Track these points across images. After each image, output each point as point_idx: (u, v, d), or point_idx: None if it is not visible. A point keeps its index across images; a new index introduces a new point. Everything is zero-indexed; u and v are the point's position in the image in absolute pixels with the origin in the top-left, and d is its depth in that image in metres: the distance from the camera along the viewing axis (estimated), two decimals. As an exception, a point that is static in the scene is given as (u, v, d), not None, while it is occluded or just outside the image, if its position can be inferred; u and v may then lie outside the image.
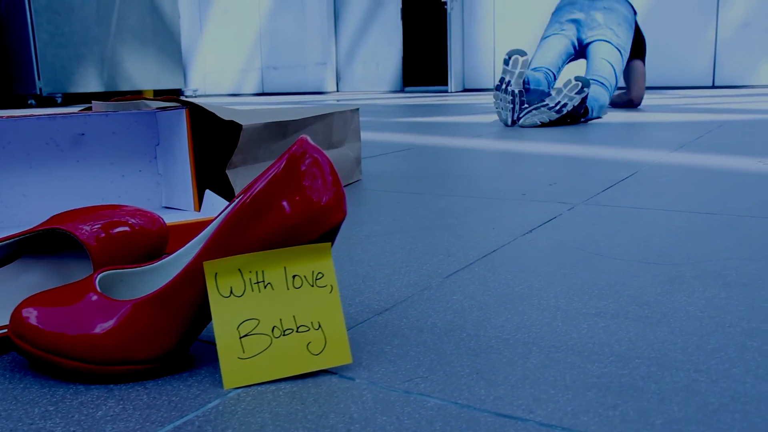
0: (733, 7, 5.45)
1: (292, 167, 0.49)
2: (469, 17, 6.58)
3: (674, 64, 5.72)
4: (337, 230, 0.51)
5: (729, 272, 0.67)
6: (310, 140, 0.50)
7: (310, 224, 0.49)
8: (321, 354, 0.48)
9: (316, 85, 7.54)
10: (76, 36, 6.74)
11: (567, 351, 0.50)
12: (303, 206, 0.48)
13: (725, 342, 0.51)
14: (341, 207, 0.50)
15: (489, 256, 0.75)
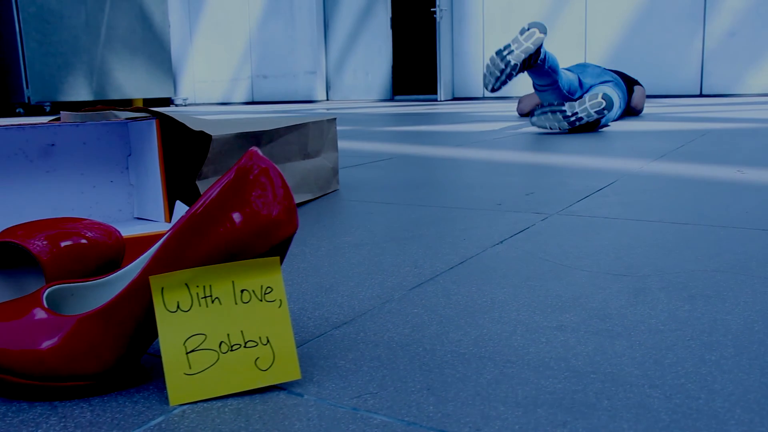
0: (720, 16, 5.47)
1: (240, 180, 0.48)
2: (459, 26, 6.59)
3: (662, 73, 5.74)
4: (288, 243, 0.50)
5: (695, 284, 0.67)
6: (260, 152, 0.49)
7: (258, 238, 0.48)
8: (269, 370, 0.47)
9: (306, 93, 7.54)
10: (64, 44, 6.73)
11: (522, 366, 0.49)
12: (251, 220, 0.47)
13: (683, 356, 0.50)
14: (292, 220, 0.49)
15: (456, 267, 0.75)
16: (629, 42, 5.85)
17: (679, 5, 5.62)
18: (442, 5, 6.41)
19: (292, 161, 1.14)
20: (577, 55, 6.11)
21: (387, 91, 7.17)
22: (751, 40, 5.41)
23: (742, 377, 0.46)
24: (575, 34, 6.08)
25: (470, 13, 6.53)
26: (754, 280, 0.67)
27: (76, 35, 6.83)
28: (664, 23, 5.69)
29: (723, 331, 0.54)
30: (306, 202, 1.17)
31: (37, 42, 6.49)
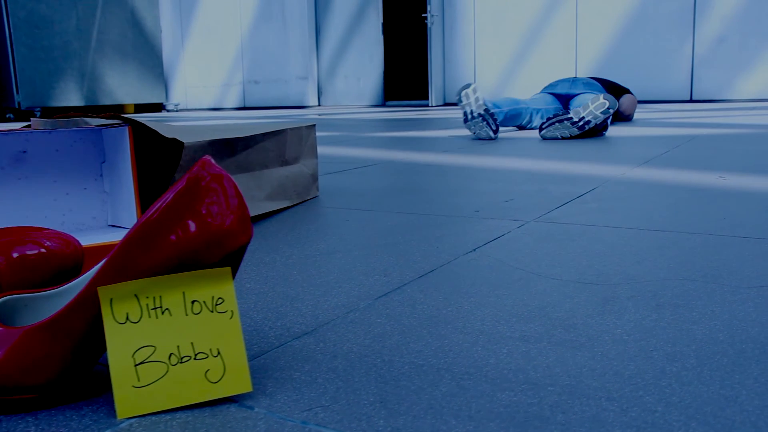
0: (709, 22, 5.48)
1: (191, 189, 0.47)
2: (450, 32, 6.59)
3: (653, 79, 5.75)
4: (241, 253, 0.49)
5: (664, 292, 0.66)
6: (213, 161, 0.48)
7: (210, 248, 0.47)
8: (219, 382, 0.46)
9: (298, 99, 7.53)
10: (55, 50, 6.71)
11: (479, 378, 0.48)
12: (202, 229, 0.46)
13: (644, 367, 0.49)
14: (246, 230, 0.48)
15: (425, 276, 0.74)
16: (620, 48, 5.85)
17: (669, 11, 5.63)
18: (433, 11, 6.42)
19: (270, 168, 1.13)
20: (567, 62, 6.11)
21: (378, 97, 7.17)
22: (740, 46, 5.42)
23: (701, 389, 0.45)
24: (566, 41, 6.09)
25: (461, 18, 6.53)
26: (724, 289, 0.67)
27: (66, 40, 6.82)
28: (655, 29, 5.70)
29: (687, 341, 0.54)
30: (284, 209, 1.16)
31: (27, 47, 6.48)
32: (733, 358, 0.50)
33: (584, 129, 2.37)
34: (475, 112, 2.53)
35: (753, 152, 1.81)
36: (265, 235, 0.97)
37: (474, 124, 2.53)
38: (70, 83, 6.92)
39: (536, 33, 6.21)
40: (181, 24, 8.17)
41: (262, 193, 1.11)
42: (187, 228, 0.46)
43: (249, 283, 0.74)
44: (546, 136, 2.44)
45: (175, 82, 8.36)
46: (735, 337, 0.54)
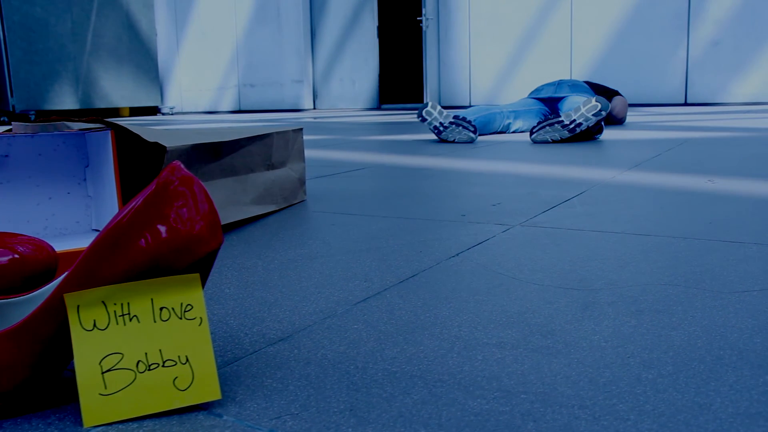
0: (703, 26, 5.49)
1: (160, 195, 0.46)
2: (445, 35, 6.59)
3: (647, 82, 5.75)
4: (211, 259, 0.48)
5: (645, 298, 0.65)
6: (182, 166, 0.48)
7: (178, 254, 0.46)
8: (188, 390, 0.45)
9: (293, 102, 7.53)
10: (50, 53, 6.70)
11: (452, 385, 0.47)
12: (171, 235, 0.46)
13: (620, 374, 0.48)
14: (216, 235, 0.48)
15: (406, 281, 0.73)
16: (614, 51, 5.86)
17: (664, 15, 5.63)
18: (428, 14, 6.42)
19: (256, 172, 1.13)
20: (562, 65, 6.11)
21: (374, 100, 7.17)
22: (734, 49, 5.42)
23: (676, 397, 0.45)
24: (561, 44, 6.09)
25: (456, 22, 6.54)
26: (706, 293, 0.66)
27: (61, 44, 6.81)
28: (649, 33, 5.71)
29: (665, 347, 0.53)
30: (270, 213, 1.16)
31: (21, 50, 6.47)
32: (710, 364, 0.50)
33: (575, 132, 2.37)
34: (445, 122, 2.55)
35: (743, 156, 1.81)
36: (249, 239, 0.97)
37: (450, 132, 2.54)
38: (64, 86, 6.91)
39: (531, 36, 6.22)
40: (177, 27, 8.17)
41: (247, 197, 1.10)
42: (156, 233, 0.46)
43: (228, 289, 0.73)
44: (537, 139, 2.43)
45: (170, 85, 8.35)
46: (713, 343, 0.54)
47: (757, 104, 5.35)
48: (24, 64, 6.50)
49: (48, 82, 6.74)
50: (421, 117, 2.61)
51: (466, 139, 2.52)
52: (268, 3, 7.53)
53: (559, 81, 3.14)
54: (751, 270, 0.74)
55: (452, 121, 2.52)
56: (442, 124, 2.55)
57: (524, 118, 2.96)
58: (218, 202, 1.03)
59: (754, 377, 0.47)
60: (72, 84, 6.97)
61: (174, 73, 8.30)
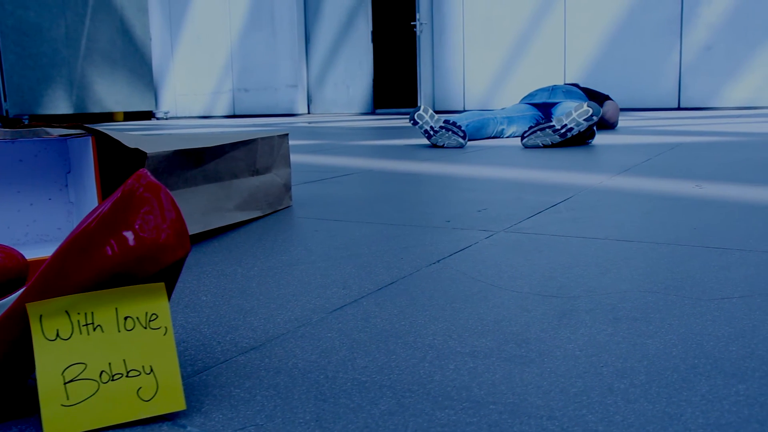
0: (696, 30, 5.50)
1: (125, 203, 0.46)
2: (439, 40, 6.60)
3: (640, 87, 5.75)
4: (178, 268, 0.47)
5: (624, 305, 0.65)
6: (149, 174, 0.47)
7: (144, 262, 0.45)
8: (152, 400, 0.45)
9: (288, 107, 7.53)
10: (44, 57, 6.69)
11: (421, 395, 0.47)
12: (136, 243, 0.45)
13: (592, 384, 0.48)
14: (183, 244, 0.47)
15: (384, 288, 0.72)
16: (608, 56, 5.86)
17: (657, 19, 5.64)
18: (422, 19, 6.42)
19: (240, 178, 1.12)
20: (556, 70, 6.12)
21: (368, 105, 7.17)
22: (727, 53, 5.43)
23: (646, 407, 0.44)
24: (554, 49, 6.10)
25: (450, 26, 6.54)
26: (685, 301, 0.66)
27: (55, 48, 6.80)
28: (642, 38, 5.71)
29: (640, 356, 0.52)
30: (255, 219, 1.15)
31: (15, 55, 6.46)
32: (683, 373, 0.49)
33: (566, 136, 2.36)
34: (435, 126, 2.55)
35: (733, 161, 1.80)
36: (231, 246, 0.96)
37: (440, 137, 2.54)
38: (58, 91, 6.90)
39: (525, 41, 6.22)
40: (171, 32, 8.16)
41: (231, 203, 1.09)
42: (122, 241, 0.45)
43: (205, 296, 0.72)
44: (527, 144, 2.43)
45: (164, 90, 8.35)
46: (689, 351, 0.53)
47: (750, 109, 5.35)
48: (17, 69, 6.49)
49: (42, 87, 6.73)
50: (412, 120, 2.61)
51: (455, 144, 2.52)
52: (262, 7, 7.53)
53: (553, 86, 3.14)
54: (732, 277, 0.73)
55: (442, 125, 2.52)
56: (433, 128, 2.55)
57: (518, 123, 2.96)
58: (201, 208, 1.03)
59: (726, 387, 0.47)
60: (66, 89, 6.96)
61: (168, 77, 8.30)
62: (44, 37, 6.70)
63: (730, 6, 5.36)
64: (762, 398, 0.45)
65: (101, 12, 7.25)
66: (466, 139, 2.53)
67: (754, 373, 0.49)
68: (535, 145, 2.42)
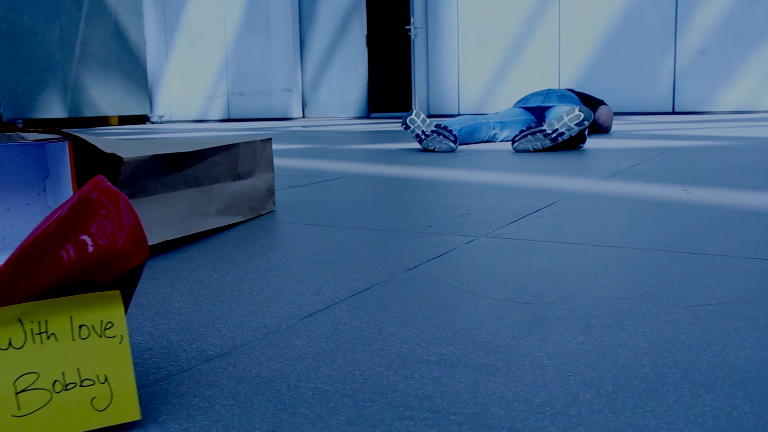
0: (690, 35, 5.50)
1: (81, 209, 0.45)
2: (434, 44, 6.59)
3: (635, 91, 5.75)
4: (136, 275, 0.47)
5: (598, 312, 0.64)
6: (106, 180, 0.46)
7: (100, 268, 0.45)
8: (106, 410, 0.44)
9: (282, 111, 7.52)
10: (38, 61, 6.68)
11: (383, 405, 0.46)
12: (92, 250, 0.44)
13: (557, 394, 0.47)
14: (140, 251, 0.46)
15: (358, 295, 0.72)
16: (602, 60, 5.86)
17: (651, 24, 5.64)
18: (416, 23, 6.42)
19: (221, 182, 1.11)
20: (550, 74, 6.12)
21: (363, 109, 7.16)
22: (721, 58, 5.43)
23: (610, 418, 0.43)
24: (549, 53, 6.10)
25: (445, 30, 6.54)
26: (660, 308, 0.65)
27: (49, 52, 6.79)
28: (637, 42, 5.71)
29: (609, 365, 0.52)
30: (236, 224, 1.14)
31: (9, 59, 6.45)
32: (651, 383, 0.48)
33: (557, 141, 2.36)
34: (427, 130, 2.55)
35: (723, 165, 1.80)
36: (209, 251, 0.95)
37: (431, 141, 2.54)
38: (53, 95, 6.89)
39: (520, 45, 6.22)
40: (166, 36, 8.16)
41: (212, 207, 1.09)
42: (77, 247, 0.44)
43: (177, 303, 0.71)
44: (518, 148, 2.42)
45: (159, 94, 8.34)
46: (659, 360, 0.52)
47: (744, 113, 5.36)
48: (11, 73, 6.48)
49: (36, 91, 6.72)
50: (404, 125, 2.60)
51: (446, 148, 2.51)
52: (256, 12, 7.52)
53: (547, 90, 3.14)
54: (710, 283, 0.73)
55: (434, 129, 2.52)
56: (424, 133, 2.54)
57: (511, 127, 2.95)
58: (181, 213, 1.02)
59: (694, 397, 0.46)
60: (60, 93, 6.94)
61: (163, 81, 8.29)
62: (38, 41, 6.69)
63: (725, 10, 5.37)
64: (728, 409, 0.44)
65: (96, 16, 7.24)
66: (458, 143, 2.53)
67: (723, 382, 0.48)
68: (526, 150, 2.41)
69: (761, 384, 0.48)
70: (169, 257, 0.92)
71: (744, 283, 0.72)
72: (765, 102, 5.34)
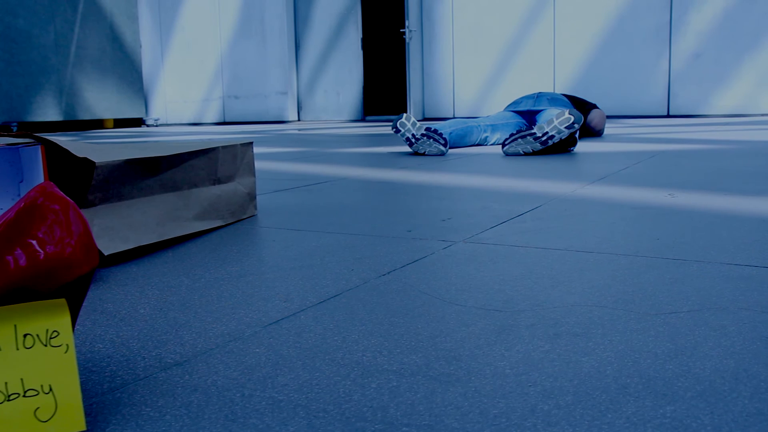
0: (685, 38, 5.50)
1: (27, 216, 0.44)
2: (429, 47, 6.59)
3: (630, 94, 5.75)
4: (84, 283, 0.46)
5: (567, 320, 0.63)
6: (54, 187, 0.45)
7: (46, 276, 0.44)
8: (50, 421, 0.43)
9: (278, 114, 7.51)
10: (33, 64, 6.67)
11: (335, 416, 0.45)
12: (39, 256, 0.43)
13: (515, 405, 0.46)
14: (89, 259, 0.45)
15: (326, 301, 0.71)
16: (597, 64, 5.86)
17: (646, 27, 5.64)
18: (411, 26, 6.42)
19: (200, 187, 1.10)
20: (545, 77, 6.12)
21: (358, 112, 7.16)
22: (716, 61, 5.43)
23: (566, 431, 0.42)
24: (544, 56, 6.10)
25: (440, 33, 6.53)
26: (631, 315, 0.64)
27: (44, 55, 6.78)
28: (631, 45, 5.71)
29: (571, 375, 0.51)
30: (216, 228, 1.13)
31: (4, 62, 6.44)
32: (612, 394, 0.47)
33: (547, 144, 2.35)
34: (417, 134, 2.54)
35: (712, 169, 1.79)
36: (184, 256, 0.94)
37: (421, 144, 2.53)
38: (47, 98, 6.87)
39: (515, 48, 6.22)
40: (161, 39, 8.15)
41: (190, 212, 1.08)
42: (23, 253, 0.43)
43: (143, 309, 0.70)
44: (508, 152, 2.42)
45: (155, 97, 8.33)
46: (623, 370, 0.51)
47: (739, 116, 5.35)
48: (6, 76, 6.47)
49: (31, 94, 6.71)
50: (395, 128, 2.60)
51: (436, 151, 2.50)
52: (251, 15, 7.52)
53: (538, 93, 3.13)
54: (685, 290, 0.72)
55: (424, 133, 2.51)
56: (414, 136, 2.53)
57: (502, 131, 2.95)
58: (157, 217, 1.01)
59: (654, 408, 0.45)
60: (55, 96, 6.93)
61: (159, 84, 8.28)
62: (33, 44, 6.68)
63: (719, 13, 5.37)
64: (687, 420, 0.43)
65: (91, 19, 7.24)
66: (448, 147, 2.52)
67: (686, 393, 0.47)
68: (515, 153, 2.41)
69: (723, 395, 0.47)
70: (143, 262, 0.91)
71: (719, 290, 0.71)
72: (760, 105, 5.34)
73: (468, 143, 2.87)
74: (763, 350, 0.55)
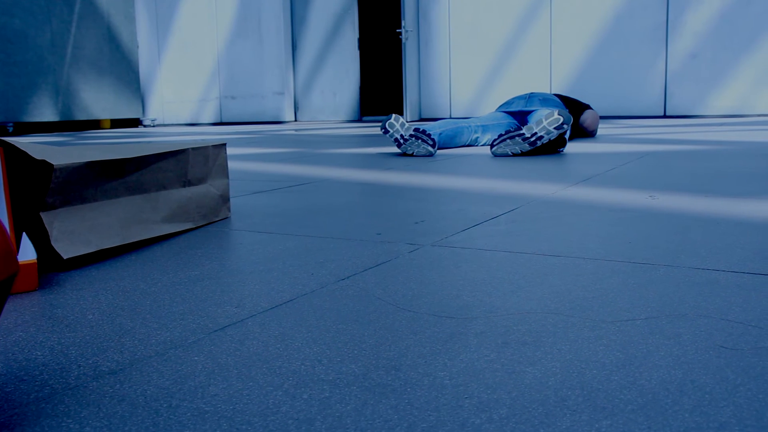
0: (681, 39, 5.48)
1: (-65, 219, 0.42)
2: (425, 48, 6.57)
3: (627, 94, 5.73)
4: (5, 290, 0.44)
5: (519, 328, 0.61)
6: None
7: (-44, 285, 0.42)
8: (-42, 437, 0.41)
9: (274, 114, 7.50)
10: (29, 65, 6.66)
11: (258, 428, 0.43)
12: (-55, 265, 0.42)
13: (445, 419, 0.44)
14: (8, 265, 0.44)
15: (278, 307, 0.69)
16: (594, 64, 5.84)
17: (642, 28, 5.62)
18: (407, 26, 6.40)
19: (169, 189, 1.09)
20: (542, 77, 6.10)
21: (355, 112, 7.14)
22: (712, 61, 5.41)
23: (492, 445, 0.41)
24: (540, 56, 6.08)
25: (436, 34, 6.52)
26: (586, 323, 0.62)
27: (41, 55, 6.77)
28: (628, 45, 5.70)
29: (511, 386, 0.49)
30: (185, 231, 1.12)
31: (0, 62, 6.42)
32: (550, 407, 0.46)
33: (536, 145, 2.33)
34: (405, 135, 2.53)
35: (698, 170, 1.77)
36: (147, 259, 0.93)
37: (409, 145, 2.52)
38: (44, 98, 6.86)
39: (511, 49, 6.20)
40: (158, 39, 8.14)
41: (158, 215, 1.06)
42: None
43: (92, 314, 0.69)
44: (497, 153, 2.40)
45: (152, 97, 8.32)
46: (566, 381, 0.50)
47: (736, 117, 5.33)
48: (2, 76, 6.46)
49: (27, 94, 6.70)
50: (383, 129, 2.58)
51: (424, 152, 2.49)
52: (248, 15, 7.51)
53: (530, 94, 3.12)
54: (647, 295, 0.70)
55: (412, 134, 2.49)
56: (403, 137, 2.52)
57: (493, 131, 2.93)
58: (121, 220, 0.99)
59: (590, 423, 0.44)
60: (52, 96, 6.92)
61: (156, 85, 8.27)
62: (29, 44, 6.67)
63: (716, 14, 5.35)
64: (620, 435, 0.42)
65: (87, 19, 7.23)
66: (436, 148, 2.50)
67: (626, 406, 0.46)
68: (504, 154, 2.39)
69: (664, 408, 0.45)
70: (104, 266, 0.90)
71: (681, 296, 0.70)
72: (756, 106, 5.32)
73: (458, 144, 2.86)
74: (713, 359, 0.53)
